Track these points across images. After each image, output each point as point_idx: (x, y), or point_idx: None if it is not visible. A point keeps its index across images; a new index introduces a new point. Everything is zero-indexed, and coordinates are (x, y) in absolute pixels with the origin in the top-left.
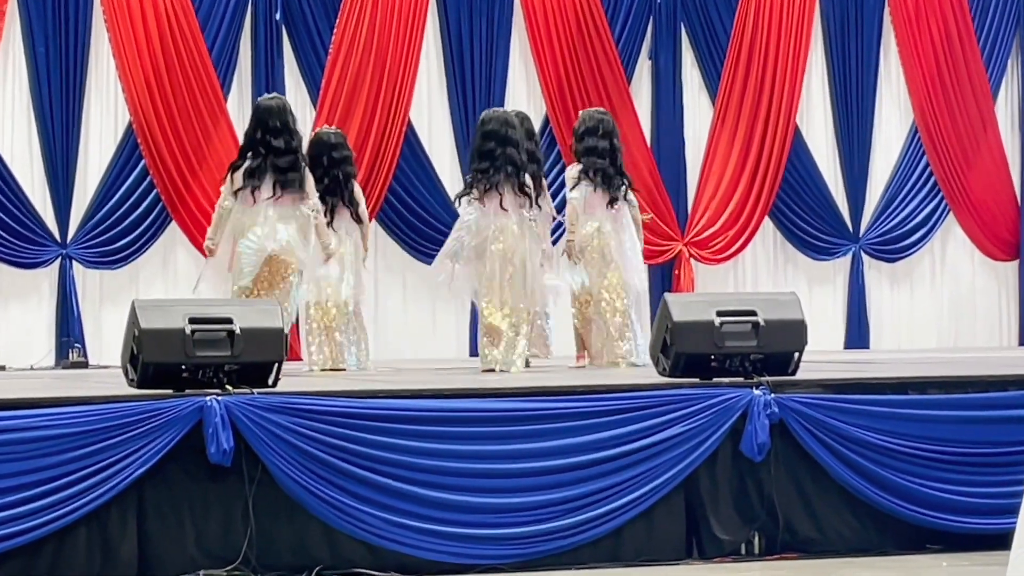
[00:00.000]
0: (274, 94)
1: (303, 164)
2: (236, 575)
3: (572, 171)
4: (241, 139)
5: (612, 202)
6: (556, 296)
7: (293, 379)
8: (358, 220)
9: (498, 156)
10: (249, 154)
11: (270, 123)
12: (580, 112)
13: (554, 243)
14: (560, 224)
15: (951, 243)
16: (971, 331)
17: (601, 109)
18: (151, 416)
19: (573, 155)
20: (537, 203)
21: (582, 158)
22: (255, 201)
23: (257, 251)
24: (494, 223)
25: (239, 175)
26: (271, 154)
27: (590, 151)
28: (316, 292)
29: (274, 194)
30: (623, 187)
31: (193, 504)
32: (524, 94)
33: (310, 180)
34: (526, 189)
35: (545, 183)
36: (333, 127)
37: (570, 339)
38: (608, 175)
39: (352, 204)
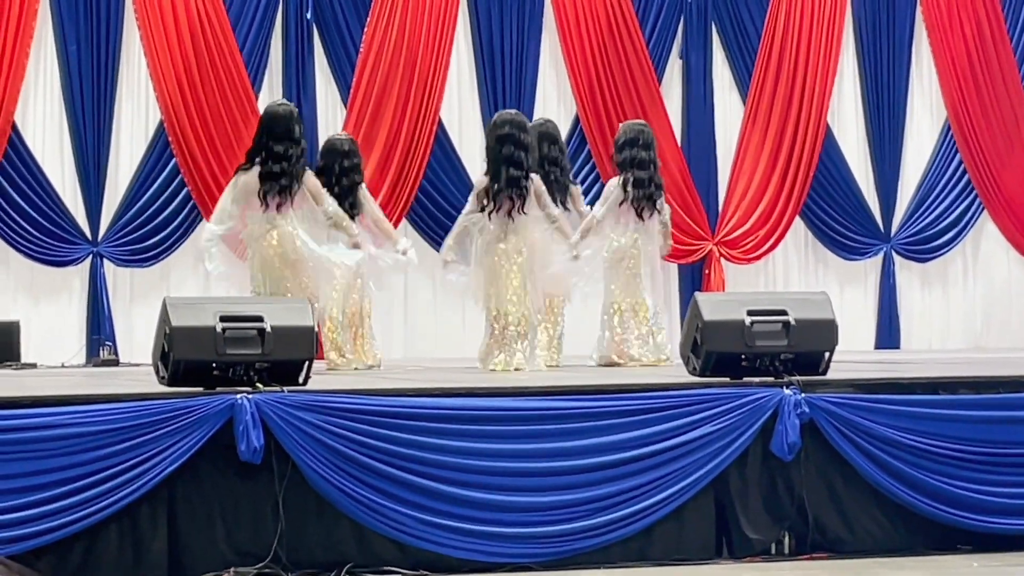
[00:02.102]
0: (282, 100)
1: (298, 171)
2: (266, 572)
3: (613, 183)
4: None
5: (641, 214)
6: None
7: (323, 377)
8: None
9: (507, 160)
10: (257, 160)
11: (275, 129)
12: (620, 124)
13: None
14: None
15: (985, 242)
16: (1006, 330)
17: (641, 121)
18: (182, 414)
19: (613, 165)
20: (563, 205)
21: (622, 169)
22: (267, 208)
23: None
24: (499, 225)
25: (252, 178)
26: (270, 159)
27: (630, 163)
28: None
29: (279, 201)
30: (657, 199)
31: (223, 501)
32: (554, 93)
33: (316, 183)
34: (524, 192)
35: (575, 189)
36: (344, 133)
37: (587, 341)
38: (645, 186)
39: (356, 211)
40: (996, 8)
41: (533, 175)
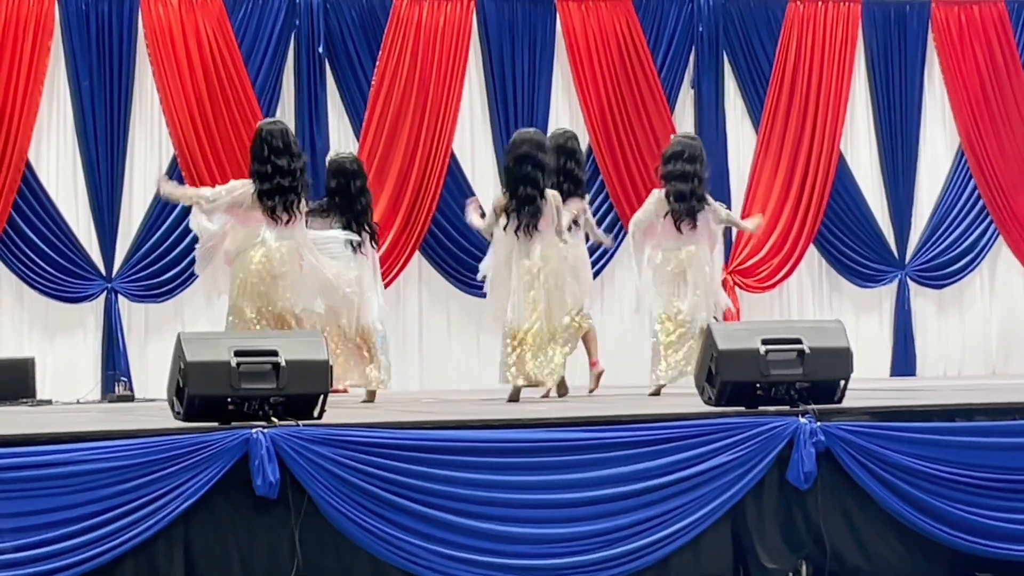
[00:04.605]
0: (275, 118)
1: (303, 183)
2: None
3: (655, 195)
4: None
5: (680, 227)
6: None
7: (339, 411)
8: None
9: (525, 179)
10: (257, 177)
11: (273, 143)
12: (671, 136)
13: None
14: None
15: (1001, 267)
16: (1022, 356)
17: (690, 134)
18: (197, 449)
19: (659, 178)
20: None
21: (665, 182)
22: (276, 223)
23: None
24: (520, 242)
25: (248, 193)
26: (277, 175)
27: (671, 175)
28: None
29: (287, 216)
30: (698, 212)
31: (240, 536)
32: (567, 123)
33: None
34: (538, 211)
35: (584, 204)
36: (347, 151)
37: (621, 364)
38: (685, 199)
39: (371, 230)
40: (1008, 33)
41: (551, 192)
